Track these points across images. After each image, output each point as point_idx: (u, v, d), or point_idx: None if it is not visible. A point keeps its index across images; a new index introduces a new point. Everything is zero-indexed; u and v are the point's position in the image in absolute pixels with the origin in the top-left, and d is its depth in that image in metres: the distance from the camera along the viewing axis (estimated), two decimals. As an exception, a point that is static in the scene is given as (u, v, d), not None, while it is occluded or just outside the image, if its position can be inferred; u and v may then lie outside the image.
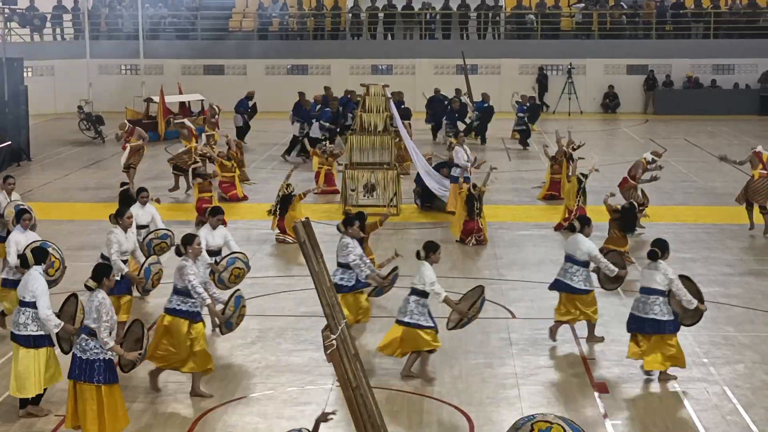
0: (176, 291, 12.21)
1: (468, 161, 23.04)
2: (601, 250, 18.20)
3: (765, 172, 20.27)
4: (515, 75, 42.29)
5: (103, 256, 14.09)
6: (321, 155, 25.53)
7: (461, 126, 32.48)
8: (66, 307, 11.77)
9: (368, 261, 14.32)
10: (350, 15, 44.72)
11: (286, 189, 20.17)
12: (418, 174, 23.09)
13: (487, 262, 18.74)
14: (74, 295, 11.88)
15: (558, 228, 21.00)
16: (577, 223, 14.45)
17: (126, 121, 26.33)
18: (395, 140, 23.77)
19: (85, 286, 10.68)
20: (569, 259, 14.17)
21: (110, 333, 10.56)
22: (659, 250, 12.79)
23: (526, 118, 32.87)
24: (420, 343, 12.70)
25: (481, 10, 44.21)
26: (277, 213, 20.15)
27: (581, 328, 14.72)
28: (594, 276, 14.27)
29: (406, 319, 12.69)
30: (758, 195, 20.26)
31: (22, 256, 11.95)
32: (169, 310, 12.21)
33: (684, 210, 23.30)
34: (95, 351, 10.51)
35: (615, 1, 44.86)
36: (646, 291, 12.73)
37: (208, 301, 12.13)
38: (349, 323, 13.91)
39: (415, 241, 20.29)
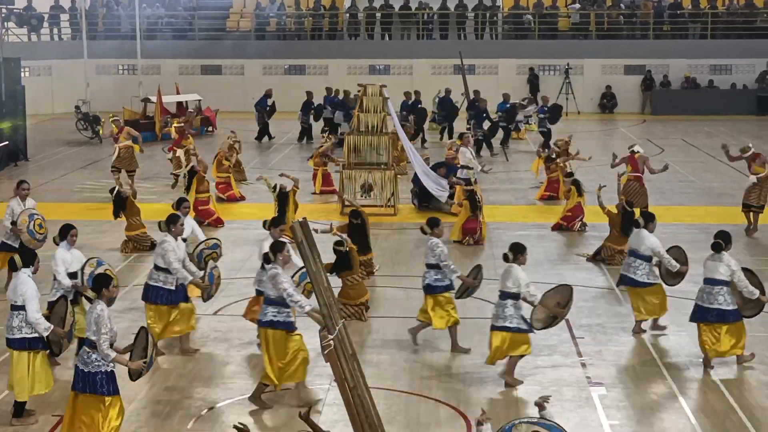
0: (269, 301, 11.82)
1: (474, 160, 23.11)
2: (603, 249, 18.34)
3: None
4: (512, 75, 42.30)
5: (157, 267, 13.41)
6: (319, 158, 25.45)
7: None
8: (56, 309, 11.69)
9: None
10: (347, 15, 44.71)
11: (274, 190, 20.12)
12: (415, 174, 23.07)
13: (484, 262, 18.66)
14: (64, 298, 11.79)
15: (555, 228, 21.01)
16: (641, 218, 14.67)
17: (118, 119, 26.19)
18: (393, 139, 23.80)
19: (85, 296, 10.55)
20: (633, 253, 14.46)
21: (111, 345, 10.40)
22: (723, 241, 13.13)
23: (547, 120, 32.39)
24: (521, 348, 12.59)
25: (478, 10, 44.21)
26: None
27: (578, 328, 14.73)
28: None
29: (507, 324, 12.51)
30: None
31: (10, 260, 11.71)
32: (265, 323, 11.83)
33: (682, 210, 23.31)
34: (97, 363, 10.38)
35: (612, 1, 44.87)
36: (711, 282, 13.05)
37: (308, 307, 11.50)
38: (442, 326, 13.76)
39: (413, 241, 20.30)
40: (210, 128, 36.56)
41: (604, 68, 42.88)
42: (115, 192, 19.16)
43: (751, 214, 20.66)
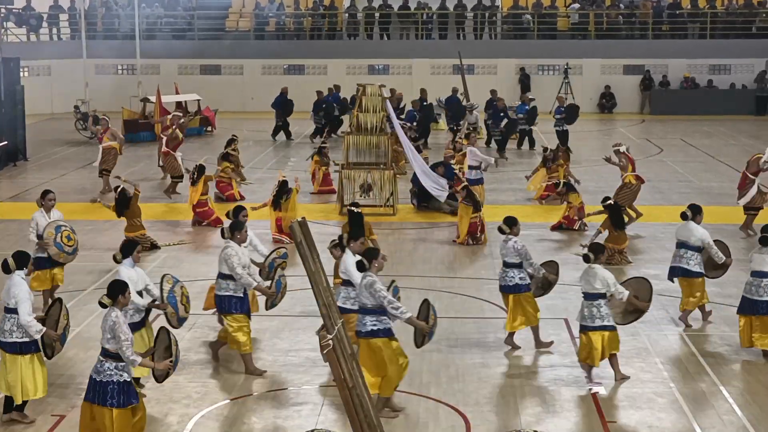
0: (367, 311, 11.46)
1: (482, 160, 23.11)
2: (602, 248, 18.37)
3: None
4: (512, 75, 42.29)
5: (221, 275, 12.91)
6: (320, 159, 25.40)
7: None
8: (51, 312, 11.61)
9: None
10: (347, 15, 44.72)
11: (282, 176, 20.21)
12: (414, 174, 23.07)
13: (483, 261, 18.76)
14: (59, 300, 11.72)
15: (555, 228, 21.03)
16: (688, 211, 15.10)
17: (105, 119, 26.07)
18: (392, 140, 23.81)
19: (100, 303, 10.37)
20: (683, 245, 14.86)
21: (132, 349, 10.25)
22: None
23: (564, 120, 32.14)
24: (617, 345, 12.67)
25: (477, 10, 44.21)
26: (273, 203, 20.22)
27: (577, 327, 14.73)
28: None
29: (605, 323, 12.56)
30: None
31: (3, 262, 11.55)
32: (366, 334, 11.46)
33: (680, 210, 23.25)
34: (109, 373, 10.18)
35: (611, 1, 44.89)
36: (759, 274, 13.41)
37: (408, 314, 11.32)
38: (535, 324, 13.75)
39: (412, 241, 20.32)
40: (209, 128, 36.58)
41: (603, 68, 42.88)
42: (119, 191, 19.17)
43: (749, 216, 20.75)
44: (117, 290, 10.36)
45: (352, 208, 16.28)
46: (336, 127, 34.38)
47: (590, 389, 12.47)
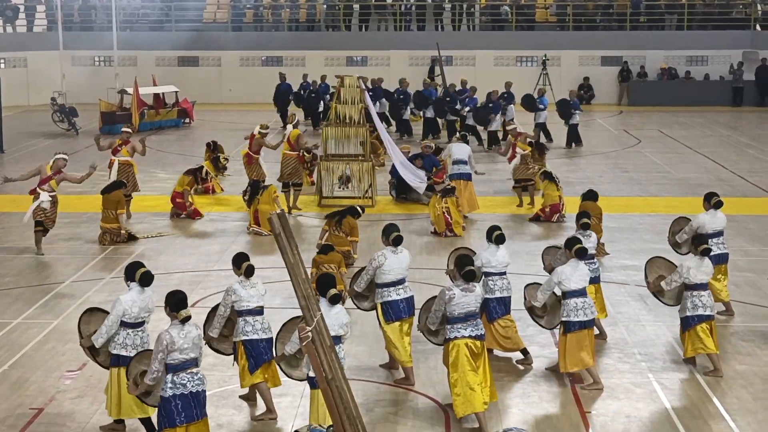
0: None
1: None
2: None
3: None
4: (490, 66, 42.33)
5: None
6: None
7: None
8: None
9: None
10: (325, 6, 44.65)
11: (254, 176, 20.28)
12: (393, 166, 23.07)
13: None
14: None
15: (533, 219, 21.06)
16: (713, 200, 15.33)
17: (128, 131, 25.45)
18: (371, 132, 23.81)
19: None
20: (722, 233, 14.96)
21: None
22: None
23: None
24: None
25: (455, 1, 44.24)
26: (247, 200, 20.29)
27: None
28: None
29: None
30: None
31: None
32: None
33: (658, 201, 23.40)
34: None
35: (589, -8, 45.04)
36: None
37: None
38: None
39: (391, 232, 20.29)
40: (187, 120, 36.46)
41: (582, 59, 42.99)
42: (116, 182, 19.36)
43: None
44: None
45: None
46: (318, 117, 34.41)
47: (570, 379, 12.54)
